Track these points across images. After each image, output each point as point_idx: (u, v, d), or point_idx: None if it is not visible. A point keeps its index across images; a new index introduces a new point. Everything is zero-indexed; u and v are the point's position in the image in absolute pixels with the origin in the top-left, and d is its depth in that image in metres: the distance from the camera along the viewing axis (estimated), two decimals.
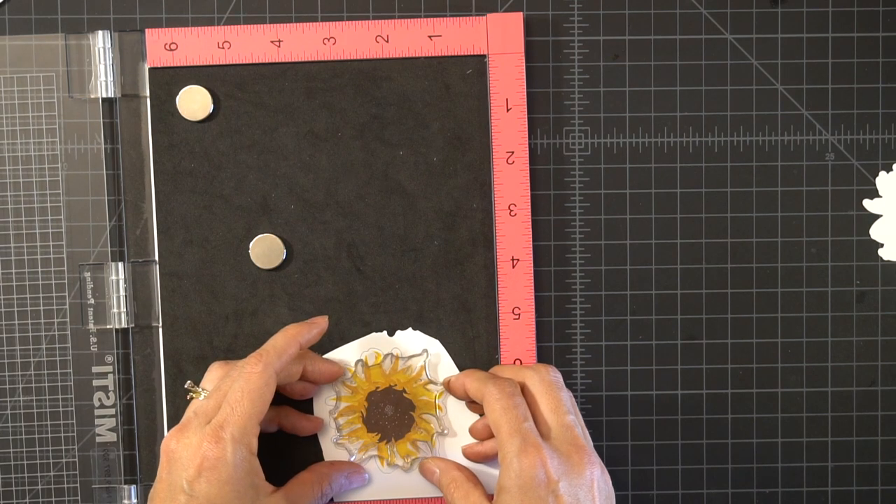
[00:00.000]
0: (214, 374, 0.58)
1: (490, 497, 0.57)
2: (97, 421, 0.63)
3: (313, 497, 0.59)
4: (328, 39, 0.62)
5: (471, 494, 0.58)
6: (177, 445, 0.54)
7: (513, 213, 0.62)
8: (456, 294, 0.63)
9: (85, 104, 0.62)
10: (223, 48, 0.62)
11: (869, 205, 0.64)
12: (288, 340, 0.57)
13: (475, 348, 0.63)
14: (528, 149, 0.62)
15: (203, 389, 0.57)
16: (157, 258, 0.62)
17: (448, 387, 0.62)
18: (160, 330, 0.62)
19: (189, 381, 0.58)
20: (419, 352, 0.62)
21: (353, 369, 0.62)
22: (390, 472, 0.62)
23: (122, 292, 0.62)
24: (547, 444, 0.55)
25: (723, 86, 0.63)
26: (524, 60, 0.62)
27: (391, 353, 0.62)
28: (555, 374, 0.58)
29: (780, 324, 0.64)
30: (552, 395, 0.57)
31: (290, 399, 0.62)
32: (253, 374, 0.55)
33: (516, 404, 0.56)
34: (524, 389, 0.58)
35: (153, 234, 0.62)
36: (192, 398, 0.57)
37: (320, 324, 0.59)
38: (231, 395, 0.55)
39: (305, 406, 0.62)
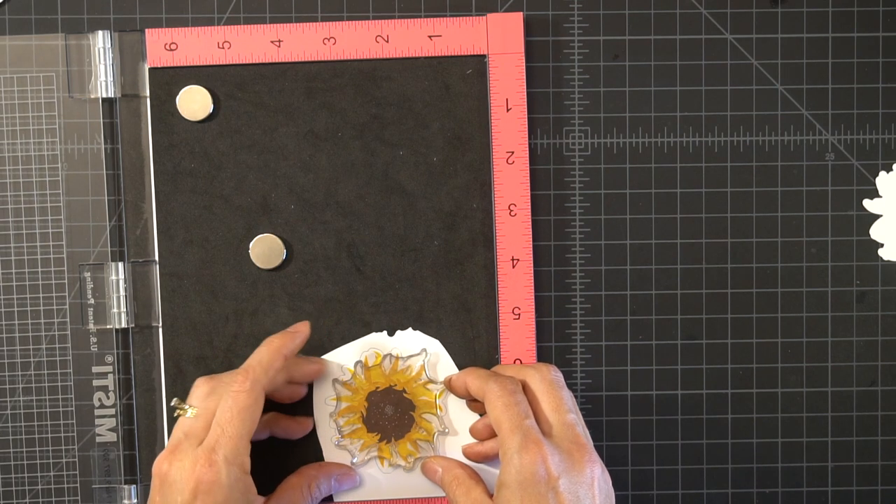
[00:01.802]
0: (200, 390, 0.57)
1: (492, 495, 0.57)
2: (97, 421, 0.63)
3: (303, 500, 0.59)
4: (328, 39, 0.62)
5: (472, 491, 0.58)
6: (169, 468, 0.54)
7: (513, 213, 0.62)
8: (456, 294, 0.63)
9: (85, 104, 0.62)
10: (223, 48, 0.62)
11: (869, 205, 0.64)
12: (273, 354, 0.57)
13: (475, 348, 0.63)
14: (528, 149, 0.62)
15: (190, 406, 0.57)
16: (157, 258, 0.62)
17: (449, 385, 0.62)
18: (160, 330, 0.62)
19: (175, 399, 0.57)
20: (418, 351, 0.62)
21: (353, 370, 0.62)
22: (391, 472, 0.62)
23: (122, 292, 0.62)
24: (548, 441, 0.55)
25: (723, 86, 0.63)
26: (524, 60, 0.62)
27: (391, 354, 0.62)
28: (556, 374, 0.58)
29: (780, 324, 0.64)
30: (553, 393, 0.57)
31: (283, 404, 0.62)
32: (241, 393, 0.55)
33: (517, 401, 0.56)
34: (525, 388, 0.58)
35: (153, 234, 0.62)
36: (178, 415, 0.57)
37: (303, 331, 0.59)
38: (221, 416, 0.55)
39: (305, 408, 0.62)
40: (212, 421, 0.55)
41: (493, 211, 0.62)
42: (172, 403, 0.57)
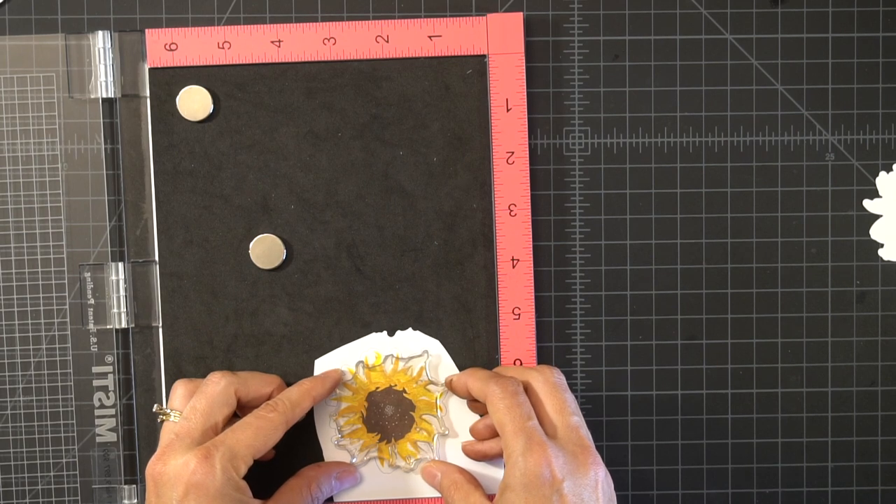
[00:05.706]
0: (180, 392, 0.58)
1: (490, 497, 0.57)
2: (97, 421, 0.63)
3: (303, 502, 0.59)
4: (328, 39, 0.62)
5: (471, 495, 0.58)
6: (164, 467, 0.55)
7: (513, 213, 0.62)
8: (456, 294, 0.63)
9: (85, 104, 0.62)
10: (223, 48, 0.62)
11: (869, 205, 0.64)
12: (302, 394, 0.59)
13: (475, 348, 0.63)
14: (528, 149, 0.62)
15: (173, 410, 0.57)
16: (157, 258, 0.62)
17: (450, 386, 0.62)
18: (160, 330, 0.62)
19: (156, 405, 0.58)
20: (420, 353, 0.62)
21: (354, 370, 0.62)
22: (391, 472, 0.62)
23: (122, 292, 0.62)
24: (552, 443, 0.55)
25: (723, 86, 0.63)
26: (524, 60, 0.62)
27: (392, 354, 0.62)
28: (558, 376, 0.58)
29: (780, 324, 0.64)
30: (556, 395, 0.57)
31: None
32: (264, 418, 0.56)
33: (520, 402, 0.56)
34: (528, 390, 0.58)
35: (153, 234, 0.62)
36: (162, 420, 0.57)
37: (333, 377, 0.61)
38: (238, 426, 0.56)
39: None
40: (204, 421, 0.56)
41: (493, 211, 0.62)
42: (154, 409, 0.58)
